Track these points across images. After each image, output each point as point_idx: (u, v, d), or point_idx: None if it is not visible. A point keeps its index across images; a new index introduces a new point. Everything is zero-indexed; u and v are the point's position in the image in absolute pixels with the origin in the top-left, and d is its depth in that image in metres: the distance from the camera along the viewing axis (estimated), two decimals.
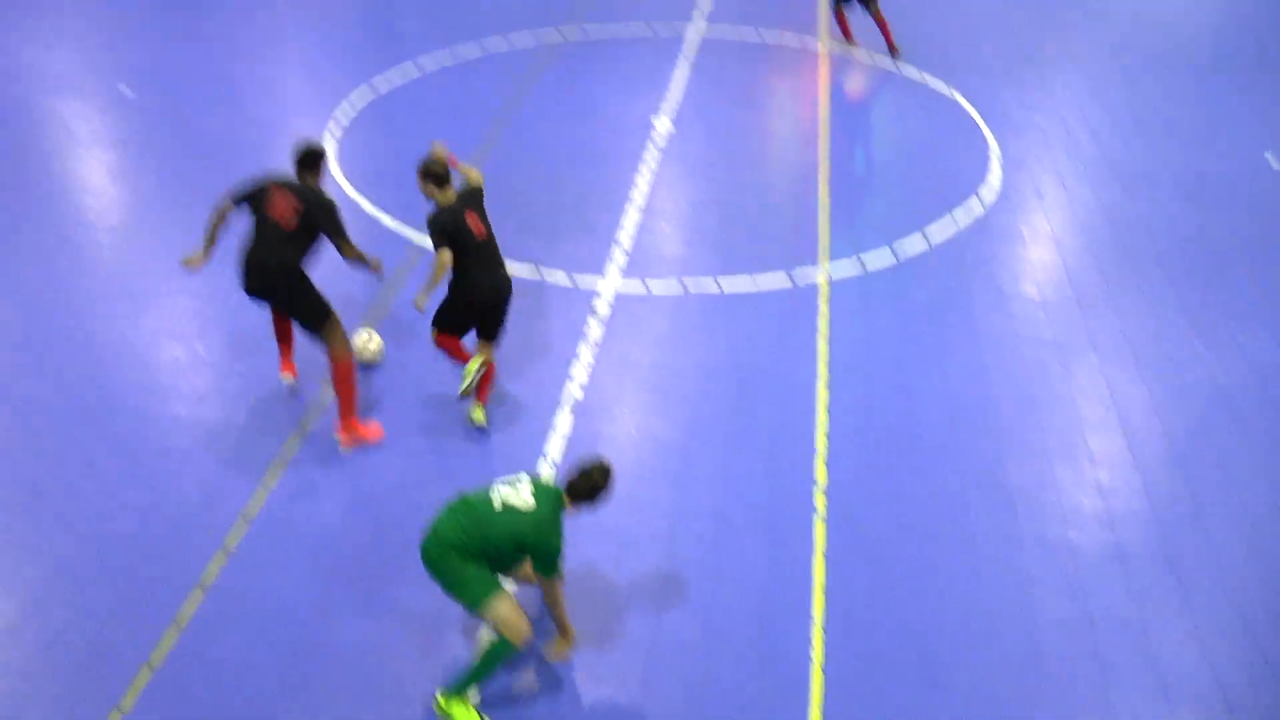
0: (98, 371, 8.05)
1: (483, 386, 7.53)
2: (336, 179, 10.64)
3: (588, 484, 5.47)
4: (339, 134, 11.64)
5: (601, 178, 10.88)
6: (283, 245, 7.01)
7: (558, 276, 9.17)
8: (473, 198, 7.24)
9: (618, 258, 9.46)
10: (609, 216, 10.12)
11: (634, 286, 9.07)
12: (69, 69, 13.53)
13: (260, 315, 8.28)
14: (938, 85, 12.98)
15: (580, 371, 8.07)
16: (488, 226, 7.25)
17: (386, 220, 10.00)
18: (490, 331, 7.41)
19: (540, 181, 10.78)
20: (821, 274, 9.25)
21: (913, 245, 9.69)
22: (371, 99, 12.60)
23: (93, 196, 10.58)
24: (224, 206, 7.21)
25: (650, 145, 11.49)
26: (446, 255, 6.94)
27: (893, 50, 13.60)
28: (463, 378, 7.34)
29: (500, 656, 5.41)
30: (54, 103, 12.58)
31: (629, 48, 14.21)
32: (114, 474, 7.10)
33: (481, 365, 7.34)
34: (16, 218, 10.08)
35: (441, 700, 5.49)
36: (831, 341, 8.42)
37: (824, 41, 14.31)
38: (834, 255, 9.52)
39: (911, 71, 13.35)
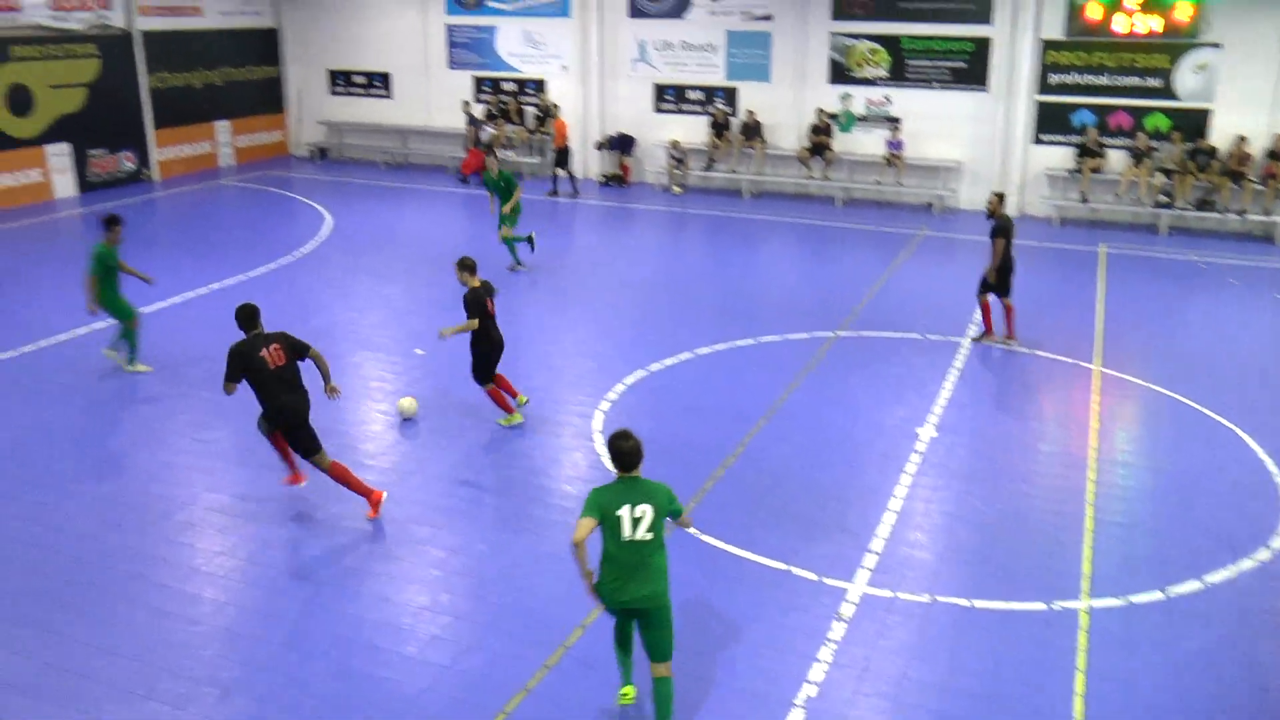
0: (341, 602, 8.47)
1: (501, 401, 11.68)
2: (597, 452, 11.06)
3: (639, 450, 6.80)
4: (606, 408, 12.21)
5: (860, 479, 10.79)
6: (294, 381, 9.52)
7: (806, 573, 9.01)
8: (490, 288, 11.41)
9: (868, 561, 9.21)
10: (864, 519, 9.94)
11: (881, 592, 8.78)
12: (374, 330, 14.95)
13: (501, 563, 8.48)
14: (1221, 419, 12.35)
15: (818, 672, 7.76)
16: (494, 307, 11.42)
17: None
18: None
19: (799, 475, 10.81)
20: (1082, 605, 8.67)
21: (1186, 584, 8.99)
22: (642, 376, 13.19)
23: (372, 442, 11.42)
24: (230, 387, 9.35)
25: (913, 451, 11.37)
26: (475, 323, 11.15)
27: (1010, 336, 14.73)
28: (508, 419, 11.75)
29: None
30: (359, 355, 13.87)
31: (901, 353, 14.38)
32: (340, 698, 7.32)
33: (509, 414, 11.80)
34: None
35: None
36: (1089, 677, 7.77)
37: (1098, 362, 14.02)
38: (1096, 586, 8.92)
39: (1192, 403, 12.79)
